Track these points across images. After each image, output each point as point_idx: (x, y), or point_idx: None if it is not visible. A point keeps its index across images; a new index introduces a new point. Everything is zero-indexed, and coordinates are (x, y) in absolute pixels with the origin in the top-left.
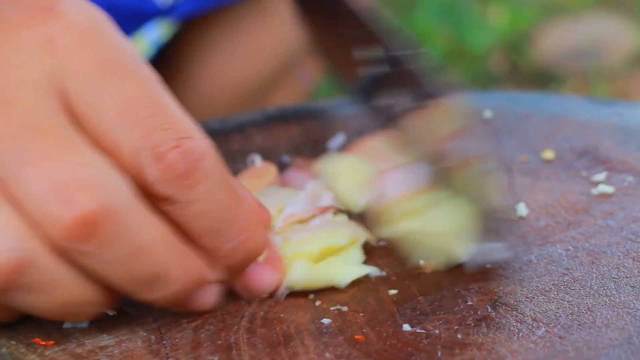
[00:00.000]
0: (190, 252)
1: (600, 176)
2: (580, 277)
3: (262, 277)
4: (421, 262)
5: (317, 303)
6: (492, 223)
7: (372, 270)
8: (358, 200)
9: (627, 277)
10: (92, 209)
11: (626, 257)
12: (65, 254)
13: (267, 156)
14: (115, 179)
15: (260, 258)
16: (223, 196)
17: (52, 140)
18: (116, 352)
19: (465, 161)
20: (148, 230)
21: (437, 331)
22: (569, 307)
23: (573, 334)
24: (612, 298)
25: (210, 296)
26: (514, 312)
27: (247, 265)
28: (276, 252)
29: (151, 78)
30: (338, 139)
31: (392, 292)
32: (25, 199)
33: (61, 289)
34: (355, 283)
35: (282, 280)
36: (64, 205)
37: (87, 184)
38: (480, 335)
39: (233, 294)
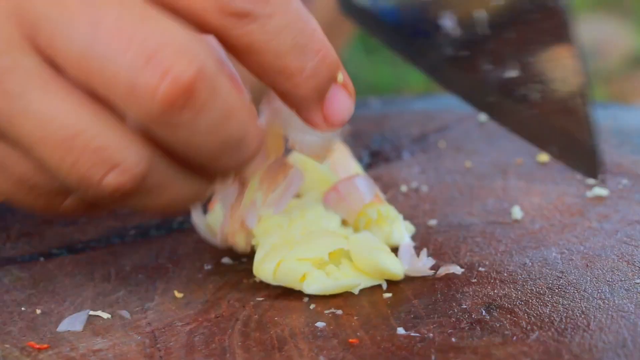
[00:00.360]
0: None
1: None
2: (574, 281)
3: (341, 101)
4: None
5: (312, 306)
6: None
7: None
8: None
9: (621, 281)
10: (189, 75)
11: (620, 260)
12: (159, 135)
13: None
14: (199, 39)
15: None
16: (300, 8)
17: (125, 11)
18: (110, 355)
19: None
20: (234, 91)
21: (431, 335)
22: (563, 310)
23: (567, 337)
24: (606, 301)
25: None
26: (509, 316)
27: (330, 84)
28: (347, 75)
29: None
30: None
31: (387, 295)
32: (114, 80)
33: (169, 189)
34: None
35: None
36: (160, 75)
37: (178, 49)
38: (475, 338)
39: (229, 299)
